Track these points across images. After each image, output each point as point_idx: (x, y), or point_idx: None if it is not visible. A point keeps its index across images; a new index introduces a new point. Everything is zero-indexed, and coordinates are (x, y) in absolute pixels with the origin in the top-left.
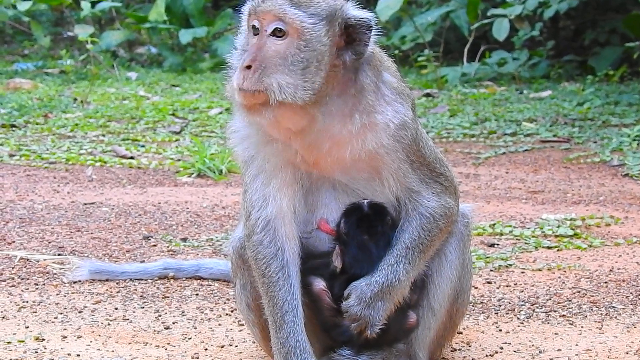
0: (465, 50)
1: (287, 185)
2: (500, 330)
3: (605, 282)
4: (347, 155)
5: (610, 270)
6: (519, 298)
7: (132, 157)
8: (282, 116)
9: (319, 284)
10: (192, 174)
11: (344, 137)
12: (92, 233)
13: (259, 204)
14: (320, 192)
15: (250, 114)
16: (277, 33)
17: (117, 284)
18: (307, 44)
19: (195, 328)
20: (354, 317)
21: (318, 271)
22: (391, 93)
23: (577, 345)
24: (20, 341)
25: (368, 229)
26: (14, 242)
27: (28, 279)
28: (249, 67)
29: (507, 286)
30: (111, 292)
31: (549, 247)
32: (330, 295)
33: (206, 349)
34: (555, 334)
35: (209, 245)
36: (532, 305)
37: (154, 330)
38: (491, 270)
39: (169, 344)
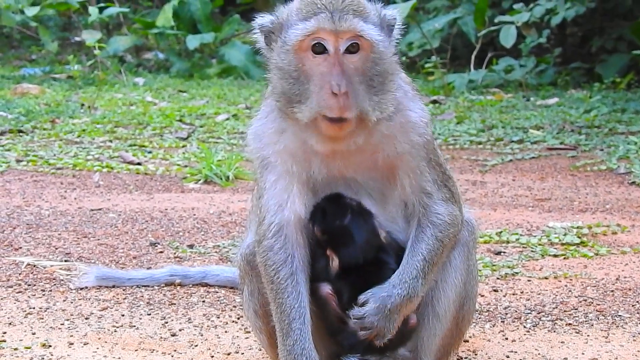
0: (473, 57)
1: (304, 191)
2: (507, 338)
3: (612, 291)
4: (380, 158)
5: (617, 279)
6: (525, 306)
7: (139, 163)
8: (367, 134)
9: (326, 288)
10: (199, 180)
11: (379, 139)
12: (98, 239)
13: (275, 210)
14: (329, 190)
15: (336, 143)
16: (351, 49)
17: (123, 290)
18: (382, 56)
19: (202, 335)
20: (368, 325)
21: (321, 276)
22: (411, 89)
23: (583, 354)
24: (27, 347)
25: (337, 215)
26: (20, 248)
27: (35, 285)
28: (337, 93)
29: (513, 294)
30: (118, 298)
31: (555, 255)
32: (336, 299)
33: (212, 357)
34: (562, 342)
35: (216, 252)
36: (539, 313)
37: (161, 337)
38: (497, 278)
39: (175, 351)
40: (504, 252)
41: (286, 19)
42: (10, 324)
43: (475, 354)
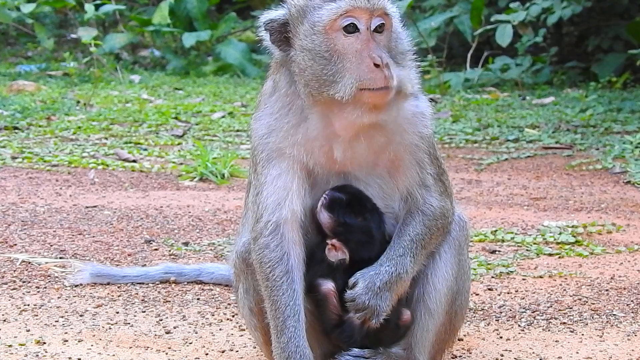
0: (469, 55)
1: (304, 189)
2: (501, 337)
3: (607, 290)
4: (390, 148)
5: (612, 278)
6: (520, 305)
7: (134, 161)
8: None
9: (327, 284)
10: (195, 177)
11: (391, 129)
12: (93, 236)
13: (273, 207)
14: (329, 185)
15: (377, 113)
16: (379, 29)
17: (118, 287)
18: (400, 35)
19: (196, 333)
20: (360, 306)
21: (316, 268)
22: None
23: (577, 353)
24: (21, 344)
25: (360, 211)
26: (15, 245)
27: (29, 282)
28: (380, 64)
29: (508, 293)
30: (112, 296)
31: (550, 254)
32: (337, 296)
33: (207, 354)
34: (556, 341)
35: (211, 249)
36: (533, 312)
37: (155, 335)
38: (492, 277)
39: (169, 348)
40: (499, 251)
41: (306, 4)
42: (4, 320)
43: (470, 353)
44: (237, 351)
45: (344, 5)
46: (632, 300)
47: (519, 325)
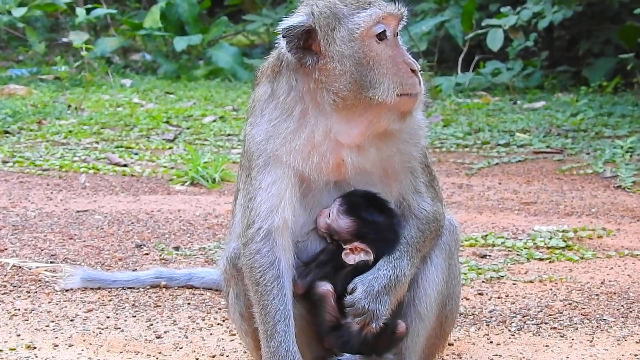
0: (460, 60)
1: (295, 196)
2: (491, 342)
3: (597, 295)
4: (395, 158)
5: (602, 283)
6: (510, 310)
7: (125, 165)
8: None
9: (325, 286)
10: (186, 182)
11: (399, 138)
12: (84, 241)
13: (265, 214)
14: (322, 194)
15: (405, 118)
16: (396, 36)
17: (109, 292)
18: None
19: (187, 337)
20: (360, 310)
21: (320, 271)
22: None
23: (567, 358)
24: (12, 349)
25: (382, 209)
26: (6, 249)
27: (20, 286)
28: (415, 70)
29: (498, 298)
30: (103, 300)
31: (540, 259)
32: (335, 297)
33: (197, 359)
34: (546, 346)
35: (202, 254)
36: (523, 317)
37: (146, 340)
38: (483, 282)
39: (160, 353)
40: (490, 256)
41: (336, 11)
42: None
43: (460, 357)
44: (228, 356)
45: (380, 13)
46: (622, 305)
47: (509, 330)
